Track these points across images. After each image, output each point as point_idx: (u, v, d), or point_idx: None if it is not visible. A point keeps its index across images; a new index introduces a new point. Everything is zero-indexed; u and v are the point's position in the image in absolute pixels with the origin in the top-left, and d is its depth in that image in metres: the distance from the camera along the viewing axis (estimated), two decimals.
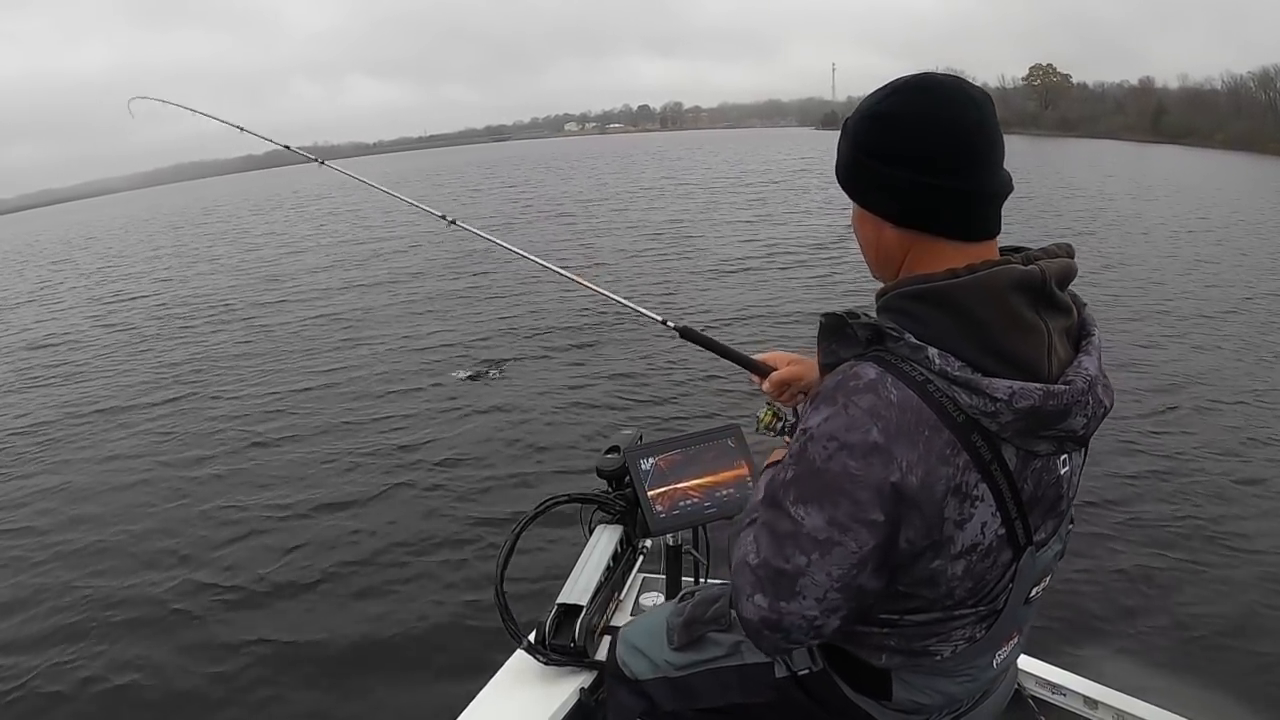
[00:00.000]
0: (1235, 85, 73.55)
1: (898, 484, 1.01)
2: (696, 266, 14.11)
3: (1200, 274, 12.80)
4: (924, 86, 1.06)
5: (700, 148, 66.53)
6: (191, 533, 5.54)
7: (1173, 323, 9.92)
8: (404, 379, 8.92)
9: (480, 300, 13.10)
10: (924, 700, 1.26)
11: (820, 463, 1.05)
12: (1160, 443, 6.29)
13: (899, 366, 1.04)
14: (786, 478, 1.10)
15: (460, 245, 16.26)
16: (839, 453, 1.03)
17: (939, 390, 1.02)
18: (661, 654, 1.53)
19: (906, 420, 1.01)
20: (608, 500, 2.20)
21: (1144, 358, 8.40)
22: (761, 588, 1.11)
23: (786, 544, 1.09)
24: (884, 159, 1.07)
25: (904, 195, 1.08)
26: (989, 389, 1.00)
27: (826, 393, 1.07)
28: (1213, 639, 3.93)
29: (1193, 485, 5.56)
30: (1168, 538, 4.85)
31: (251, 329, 12.16)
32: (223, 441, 7.32)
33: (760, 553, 1.12)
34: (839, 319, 1.12)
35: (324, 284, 15.40)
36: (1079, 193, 24.93)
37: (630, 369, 8.66)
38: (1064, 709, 1.96)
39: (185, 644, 4.28)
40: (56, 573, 5.16)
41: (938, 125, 1.04)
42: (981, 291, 1.01)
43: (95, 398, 9.26)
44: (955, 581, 1.11)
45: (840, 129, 1.16)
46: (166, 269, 20.59)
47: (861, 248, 1.20)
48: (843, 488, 1.04)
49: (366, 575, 4.82)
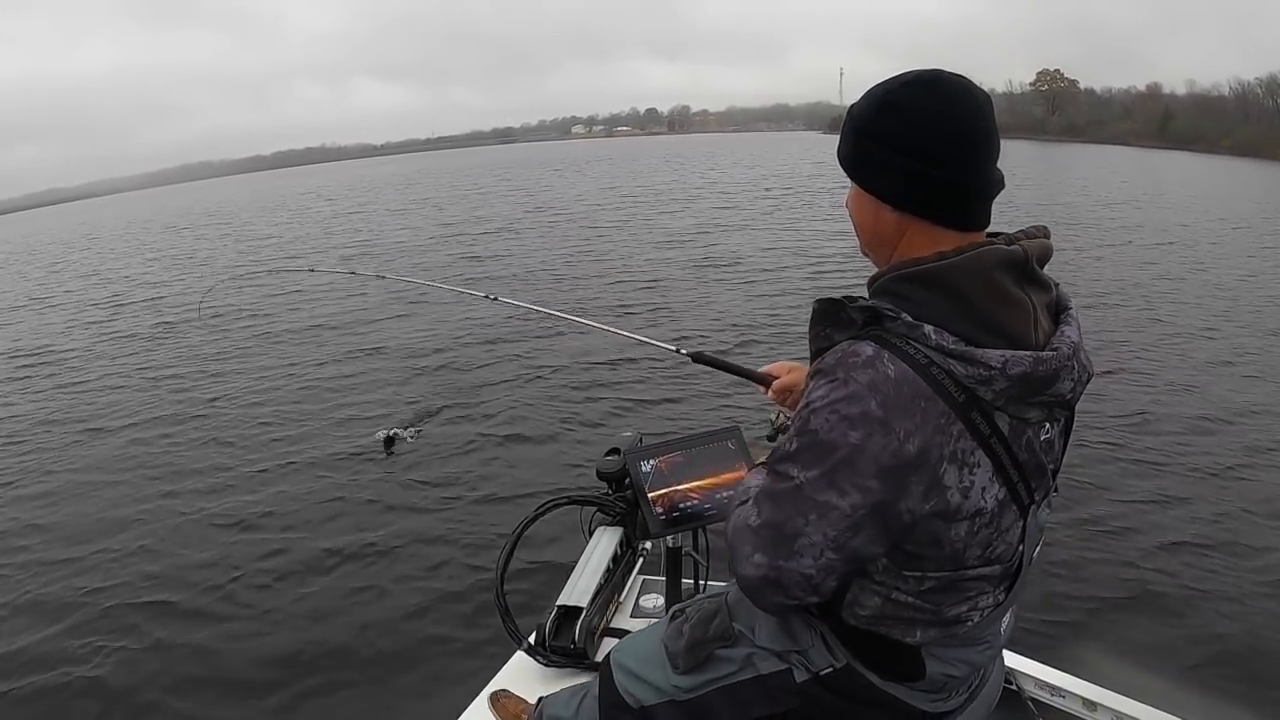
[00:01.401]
0: (1243, 91, 73.44)
1: (896, 453, 1.06)
2: (722, 277, 13.93)
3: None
4: (934, 82, 1.12)
5: (713, 151, 65.69)
6: (191, 532, 5.54)
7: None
8: (403, 378, 8.92)
9: (476, 300, 13.06)
10: (955, 673, 1.30)
11: (823, 433, 1.10)
12: (1162, 444, 6.27)
13: (895, 344, 1.09)
14: (791, 448, 1.15)
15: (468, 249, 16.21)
16: (840, 424, 1.08)
17: (935, 365, 1.07)
18: (665, 677, 1.47)
19: (904, 393, 1.06)
20: (608, 502, 2.21)
21: (1150, 365, 8.39)
22: (761, 547, 1.17)
23: (787, 506, 1.15)
24: (889, 145, 1.13)
25: (904, 182, 1.14)
26: (983, 358, 1.06)
27: (826, 368, 1.12)
28: (1212, 640, 3.92)
29: (1193, 485, 5.55)
30: (1168, 539, 4.83)
31: (255, 323, 12.19)
32: (221, 439, 7.32)
33: (761, 515, 1.18)
34: (835, 303, 1.18)
35: (325, 282, 15.43)
36: (1113, 202, 24.65)
37: (630, 368, 8.65)
38: (1063, 711, 1.96)
39: (184, 646, 4.27)
40: (36, 577, 5.15)
41: (942, 121, 1.10)
42: (970, 271, 1.09)
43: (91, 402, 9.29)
44: (960, 543, 1.15)
45: (848, 111, 1.22)
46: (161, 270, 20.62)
47: (856, 227, 1.26)
48: (843, 456, 1.09)
49: (366, 576, 4.82)
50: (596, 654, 2.09)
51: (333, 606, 4.52)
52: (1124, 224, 19.19)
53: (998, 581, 1.24)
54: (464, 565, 4.85)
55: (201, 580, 4.88)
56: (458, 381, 8.65)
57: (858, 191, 1.21)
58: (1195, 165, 46.25)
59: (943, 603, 1.21)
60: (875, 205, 1.18)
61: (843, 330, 1.16)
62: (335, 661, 4.04)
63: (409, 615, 4.38)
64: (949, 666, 1.28)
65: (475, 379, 8.70)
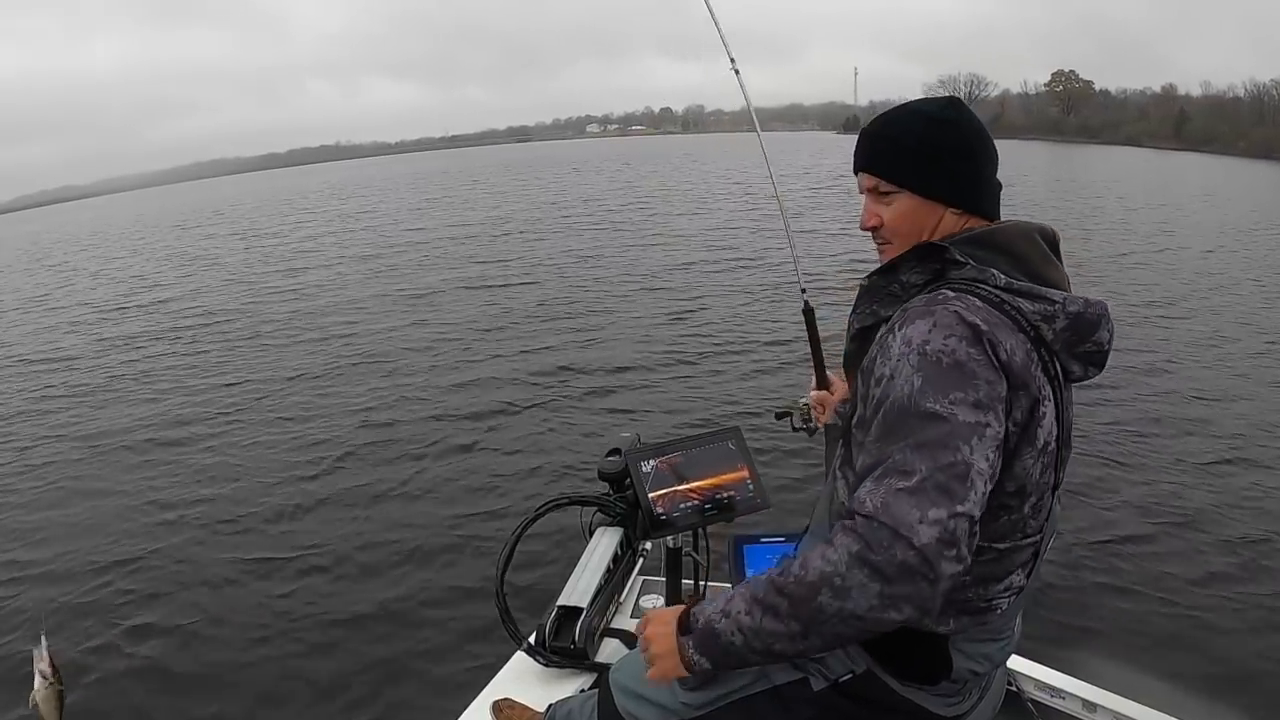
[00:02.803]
0: (1258, 93, 72.87)
1: (1006, 364, 1.12)
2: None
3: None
4: (963, 104, 1.32)
5: (732, 151, 64.76)
6: (188, 534, 5.53)
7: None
8: (399, 380, 8.92)
9: (475, 291, 13.12)
10: (977, 668, 1.31)
11: (945, 357, 1.10)
12: (1162, 446, 6.25)
13: (966, 288, 1.18)
14: (915, 386, 1.10)
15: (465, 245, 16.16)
16: (956, 342, 1.11)
17: (1006, 303, 1.17)
18: (672, 696, 1.43)
19: (994, 316, 1.15)
20: (608, 502, 2.21)
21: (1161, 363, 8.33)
22: (934, 499, 1.04)
23: (948, 441, 1.07)
24: (951, 154, 1.28)
25: (967, 182, 1.29)
26: (1047, 294, 1.19)
27: (915, 311, 1.17)
28: (1212, 641, 3.90)
29: (1194, 487, 5.53)
30: (1168, 540, 4.82)
31: (254, 310, 12.24)
32: (221, 438, 7.34)
33: (918, 467, 1.06)
34: (887, 271, 1.30)
35: (322, 279, 15.49)
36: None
37: (630, 370, 8.66)
38: (1062, 712, 1.96)
39: (180, 648, 4.27)
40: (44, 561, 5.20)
41: (981, 131, 1.31)
42: (1018, 233, 1.26)
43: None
44: (1032, 487, 1.20)
45: (882, 135, 1.33)
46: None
47: (902, 236, 1.32)
48: (973, 371, 1.10)
49: (366, 577, 4.82)
50: (596, 654, 2.10)
51: (332, 607, 4.51)
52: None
53: (1026, 562, 1.28)
54: (464, 565, 4.84)
55: (199, 581, 4.88)
56: (457, 382, 8.64)
57: (915, 201, 1.29)
58: (1213, 167, 45.88)
59: (986, 577, 1.24)
60: (936, 210, 1.29)
61: (889, 305, 1.26)
62: (334, 661, 4.04)
63: (409, 615, 4.38)
64: (973, 662, 1.30)
65: (475, 379, 8.70)
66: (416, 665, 3.97)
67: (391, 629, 4.28)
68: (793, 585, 1.10)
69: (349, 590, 4.68)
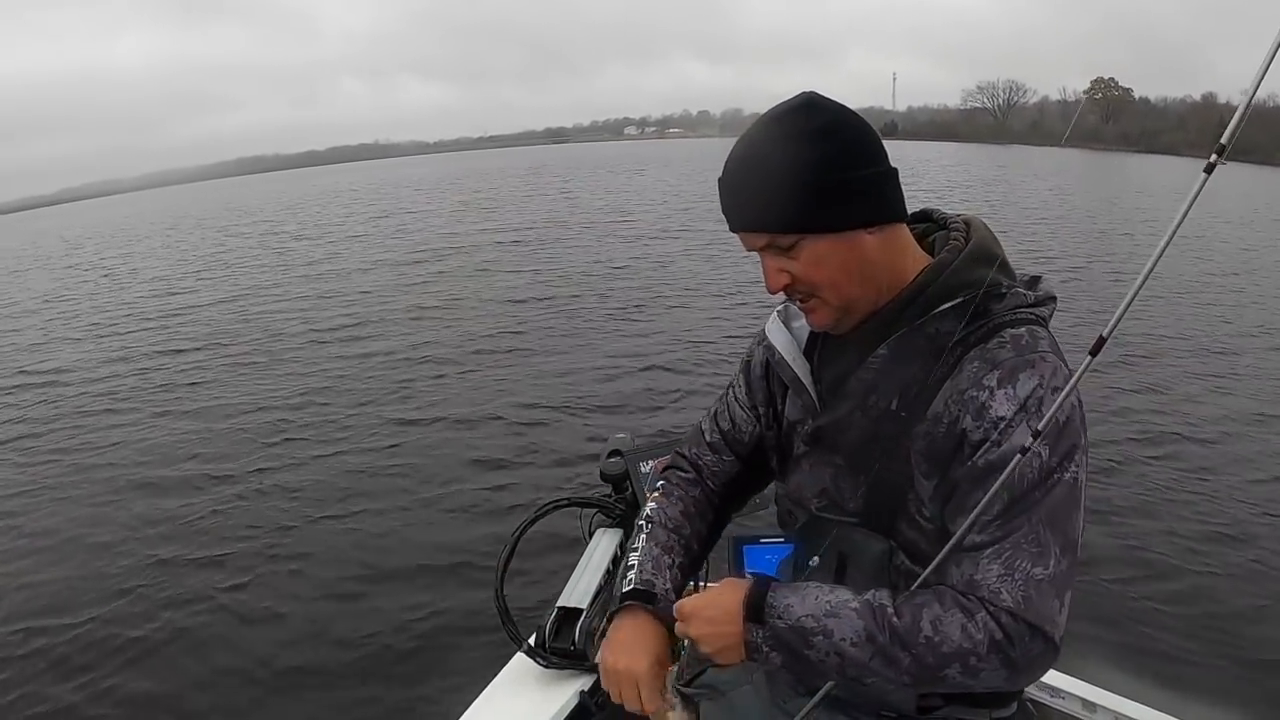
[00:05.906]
0: None
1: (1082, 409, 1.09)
2: None
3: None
4: (827, 101, 1.12)
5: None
6: (187, 533, 5.60)
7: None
8: (401, 378, 9.00)
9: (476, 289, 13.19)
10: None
11: (1061, 414, 1.02)
12: (1164, 449, 6.25)
13: (1024, 319, 1.10)
14: (1044, 458, 1.03)
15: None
16: (1063, 396, 1.00)
17: (1046, 320, 1.14)
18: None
19: (1058, 346, 1.11)
20: (608, 504, 2.20)
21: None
22: (1066, 581, 1.04)
23: (1071, 513, 1.05)
24: (854, 165, 1.09)
25: (876, 190, 1.12)
26: (1050, 292, 1.16)
27: (1012, 363, 1.06)
28: (1213, 641, 3.90)
29: (1193, 487, 5.54)
30: (1167, 540, 4.82)
31: (249, 309, 12.44)
32: (218, 444, 7.38)
33: (1053, 549, 1.03)
34: (924, 323, 1.12)
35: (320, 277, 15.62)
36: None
37: (632, 370, 8.69)
38: (1062, 712, 1.94)
39: (180, 647, 4.33)
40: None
41: (859, 121, 1.11)
42: (991, 237, 1.17)
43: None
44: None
45: (753, 185, 1.12)
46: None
47: (828, 286, 1.14)
48: (1077, 425, 1.06)
49: (366, 578, 4.86)
50: (596, 655, 2.09)
51: (331, 608, 4.56)
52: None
53: None
54: (464, 566, 4.87)
55: (196, 581, 4.93)
56: (457, 381, 8.68)
57: (825, 242, 1.11)
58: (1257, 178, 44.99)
59: None
60: (853, 242, 1.11)
61: (926, 363, 1.12)
62: (333, 662, 4.08)
63: (408, 616, 4.41)
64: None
65: (475, 378, 8.74)
66: (415, 667, 3.99)
67: (390, 630, 4.31)
68: (923, 648, 1.04)
69: (348, 592, 4.72)
